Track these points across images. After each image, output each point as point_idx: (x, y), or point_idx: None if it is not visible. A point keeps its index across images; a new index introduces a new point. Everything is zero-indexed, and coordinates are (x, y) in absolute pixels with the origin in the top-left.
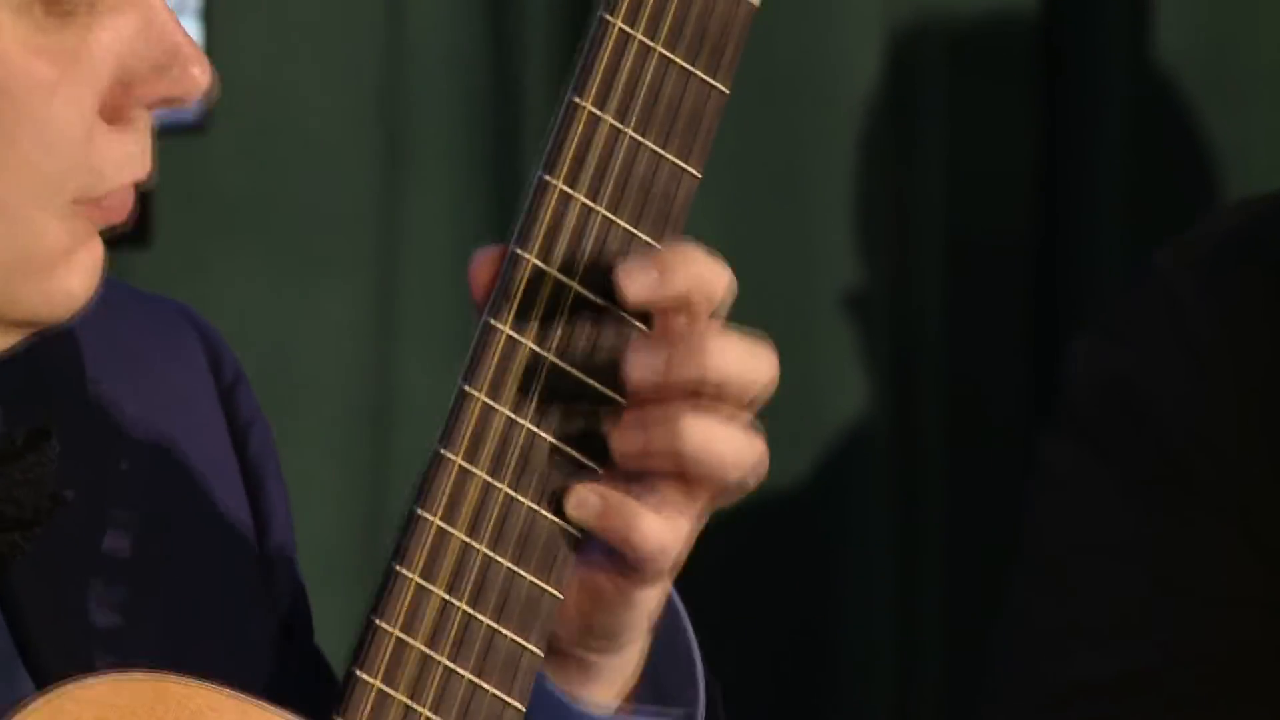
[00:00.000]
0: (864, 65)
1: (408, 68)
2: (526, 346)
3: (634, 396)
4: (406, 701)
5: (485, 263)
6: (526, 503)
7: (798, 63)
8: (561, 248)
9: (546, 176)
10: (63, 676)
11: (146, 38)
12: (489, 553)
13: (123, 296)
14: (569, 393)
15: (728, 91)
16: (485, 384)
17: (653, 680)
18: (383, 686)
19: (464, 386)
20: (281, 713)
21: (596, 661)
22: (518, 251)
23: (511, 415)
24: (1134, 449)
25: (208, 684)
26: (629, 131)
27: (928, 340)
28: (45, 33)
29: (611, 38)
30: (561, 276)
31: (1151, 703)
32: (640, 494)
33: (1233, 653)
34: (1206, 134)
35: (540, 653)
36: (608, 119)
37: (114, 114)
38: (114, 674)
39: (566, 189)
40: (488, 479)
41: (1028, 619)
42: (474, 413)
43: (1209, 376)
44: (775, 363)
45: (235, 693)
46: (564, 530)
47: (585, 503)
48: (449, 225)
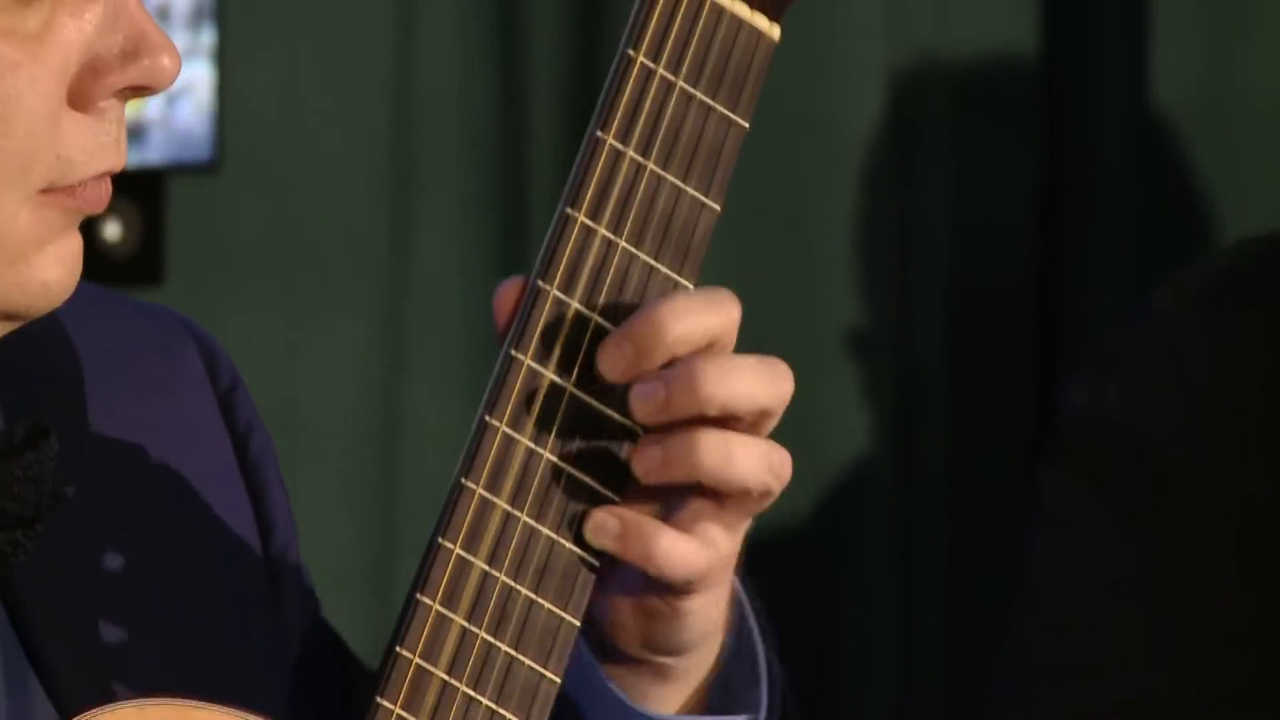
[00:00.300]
0: (867, 104)
1: (417, 107)
2: (547, 377)
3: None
4: None
5: (508, 294)
6: (546, 532)
7: (801, 101)
8: (583, 280)
9: (569, 210)
10: (73, 685)
11: (114, 26)
12: (509, 581)
13: (120, 306)
14: (589, 423)
15: (748, 126)
16: (506, 414)
17: (723, 679)
18: (404, 714)
19: (485, 417)
20: None
21: (669, 664)
22: (540, 284)
23: (532, 445)
24: (1130, 486)
25: (229, 710)
26: (651, 165)
27: (929, 374)
28: (6, 14)
29: (634, 73)
30: (583, 309)
31: None
32: (664, 514)
33: (1227, 685)
34: (1203, 173)
35: (558, 679)
36: (630, 153)
37: (83, 102)
38: (137, 701)
39: (589, 222)
40: (508, 508)
41: (1026, 650)
42: (495, 443)
43: (1205, 415)
44: (785, 376)
45: (253, 717)
46: (583, 559)
47: (603, 527)
48: (457, 262)
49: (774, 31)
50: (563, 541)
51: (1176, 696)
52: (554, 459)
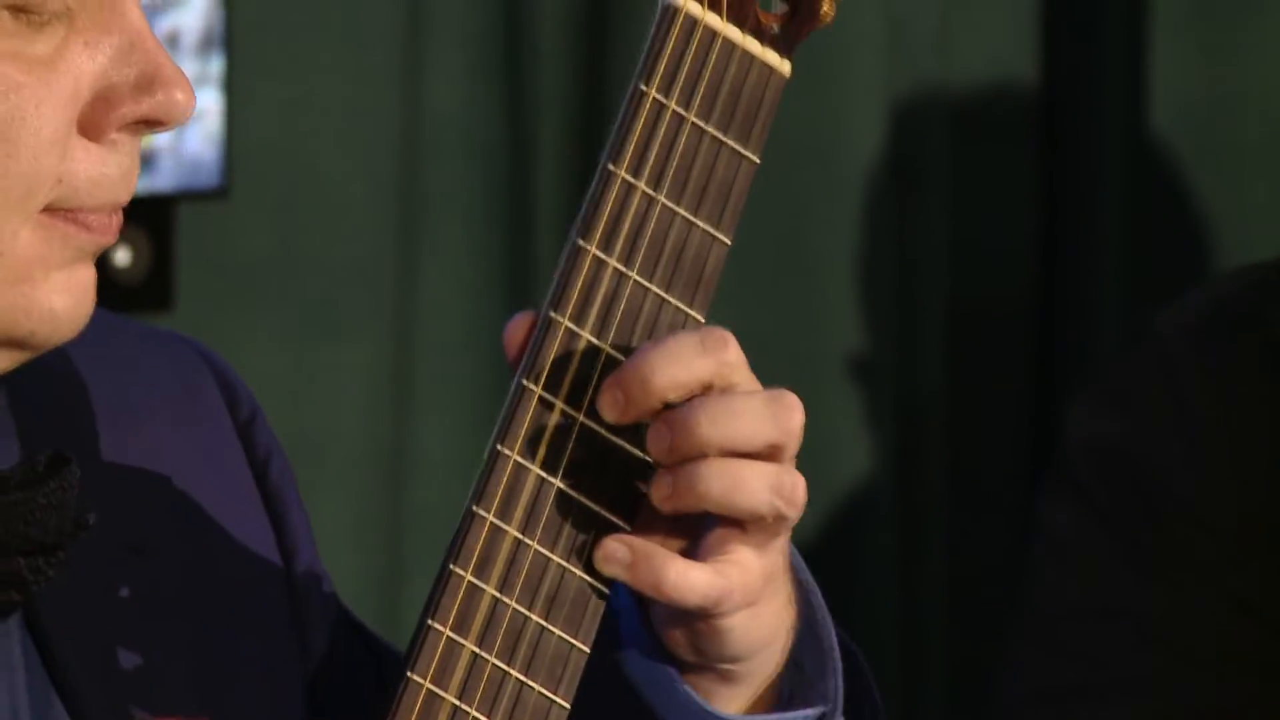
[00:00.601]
0: (868, 134)
1: (424, 135)
2: (558, 407)
3: None
4: None
5: (519, 327)
6: (557, 560)
7: (803, 131)
8: (595, 312)
9: (581, 242)
10: (97, 708)
11: (130, 58)
12: (520, 608)
13: (136, 334)
14: (599, 453)
15: (759, 161)
16: (518, 444)
17: (794, 671)
18: None
19: (497, 446)
20: None
21: (732, 670)
22: (552, 315)
23: (543, 474)
24: (1129, 513)
25: None
26: (662, 199)
27: (930, 399)
28: (14, 37)
29: (646, 107)
30: (594, 340)
31: None
32: (694, 540)
33: (1224, 711)
34: (1202, 201)
35: (568, 705)
36: (642, 187)
37: (95, 131)
38: None
39: (601, 254)
40: (519, 536)
41: (1026, 674)
42: (506, 471)
43: (1204, 443)
44: (789, 410)
45: None
46: (594, 587)
47: (613, 556)
48: (463, 290)
49: (785, 68)
50: (573, 569)
51: None
52: (564, 488)
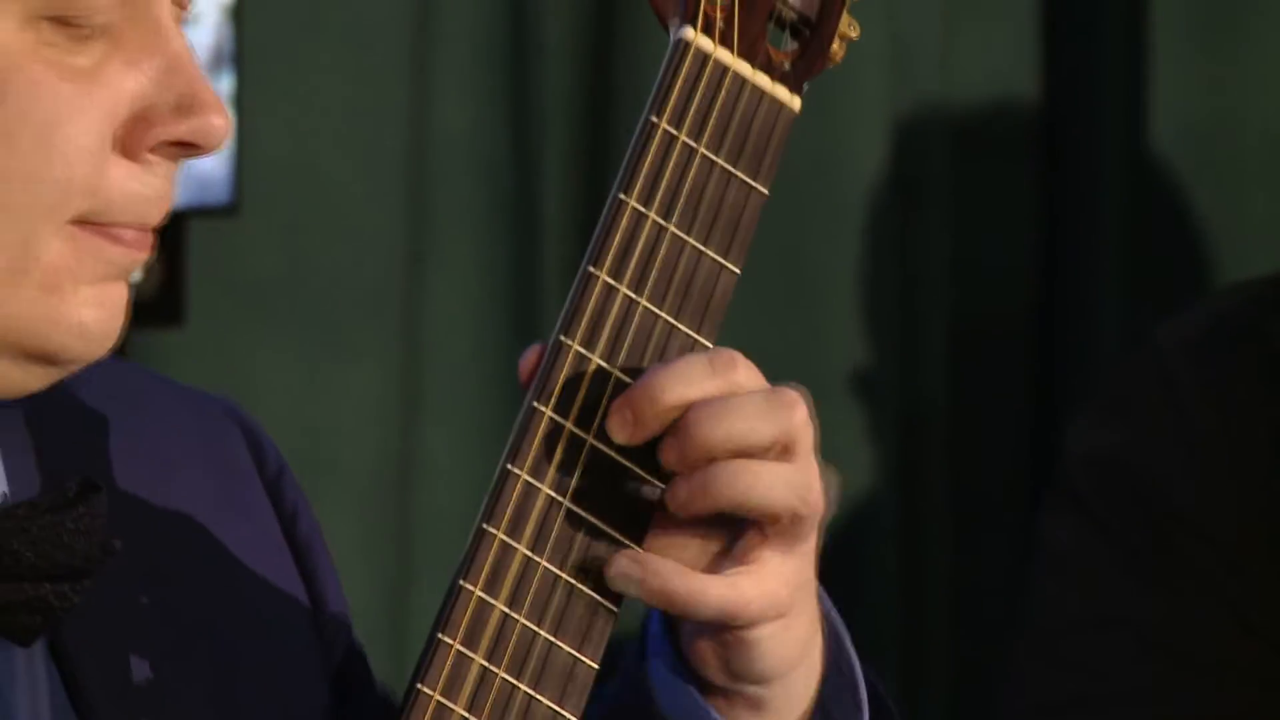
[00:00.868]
0: (870, 151)
1: (432, 154)
2: (567, 429)
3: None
4: None
5: (534, 355)
6: (565, 577)
7: (806, 149)
8: (604, 337)
9: (591, 268)
10: None
11: (170, 81)
12: (528, 624)
13: (169, 393)
14: (608, 473)
15: (767, 193)
16: (528, 463)
17: (823, 709)
18: None
19: (507, 465)
20: None
21: (760, 694)
22: (562, 339)
23: (552, 494)
24: (1129, 525)
25: None
26: (672, 228)
27: (932, 415)
28: (55, 47)
29: (657, 138)
30: (603, 364)
31: None
32: (699, 556)
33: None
34: (1201, 216)
35: (576, 719)
36: (652, 216)
37: (131, 149)
38: None
39: (611, 281)
40: (529, 554)
41: (1028, 689)
42: (516, 490)
43: (1203, 455)
44: (788, 405)
45: None
46: (602, 604)
47: (624, 571)
48: (471, 307)
49: (794, 103)
50: (582, 587)
51: None
52: (573, 507)
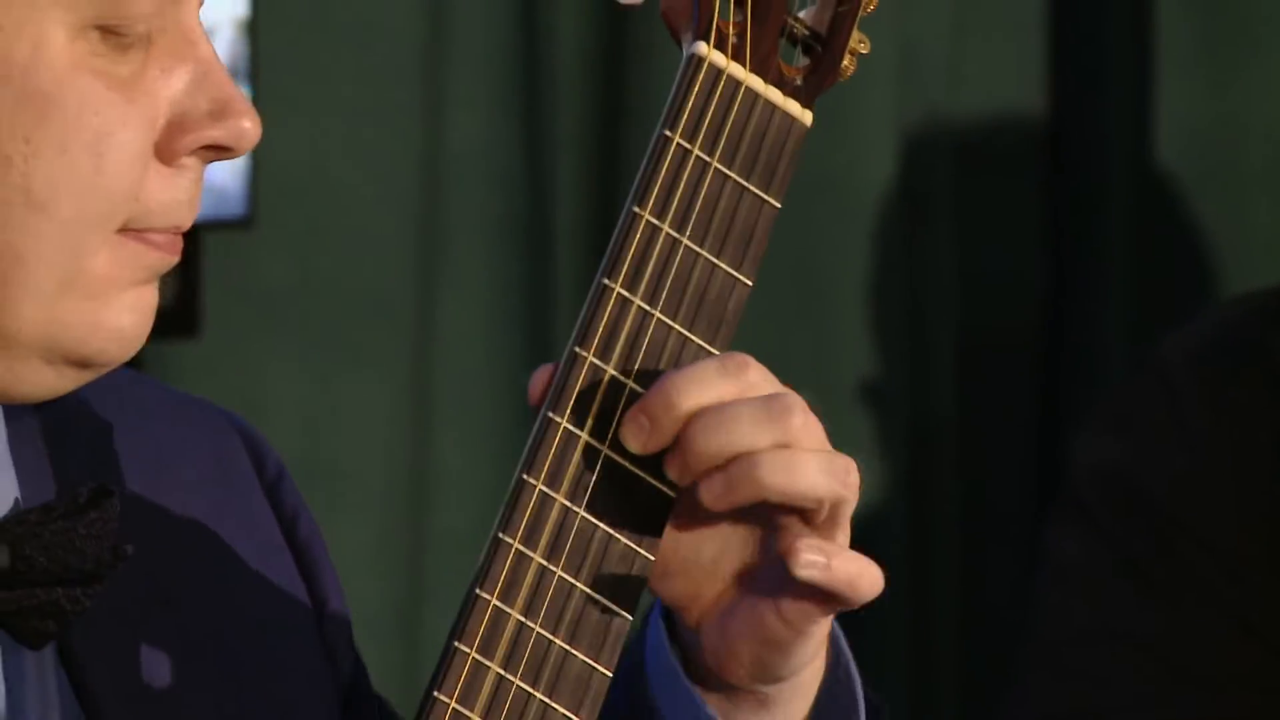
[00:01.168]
0: (878, 165)
1: (445, 168)
2: (582, 439)
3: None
4: None
5: (543, 375)
6: (580, 585)
7: (815, 162)
8: (618, 348)
9: (606, 281)
10: None
11: (202, 86)
12: (544, 632)
13: (173, 402)
14: (622, 483)
15: (779, 206)
16: (543, 474)
17: (821, 708)
18: None
19: (523, 475)
20: None
21: (770, 693)
22: (577, 350)
23: (567, 503)
24: (1133, 536)
25: None
26: (685, 241)
27: (940, 426)
28: (101, 57)
29: (670, 152)
30: (617, 375)
31: None
32: (709, 557)
33: None
34: (1206, 229)
35: None
36: (665, 228)
37: (167, 155)
38: None
39: (625, 293)
40: (544, 562)
41: (1034, 700)
42: (532, 500)
43: (1206, 468)
44: (787, 411)
45: None
46: (615, 612)
47: (813, 560)
48: (483, 319)
49: (806, 118)
50: (596, 595)
51: None
52: (588, 516)
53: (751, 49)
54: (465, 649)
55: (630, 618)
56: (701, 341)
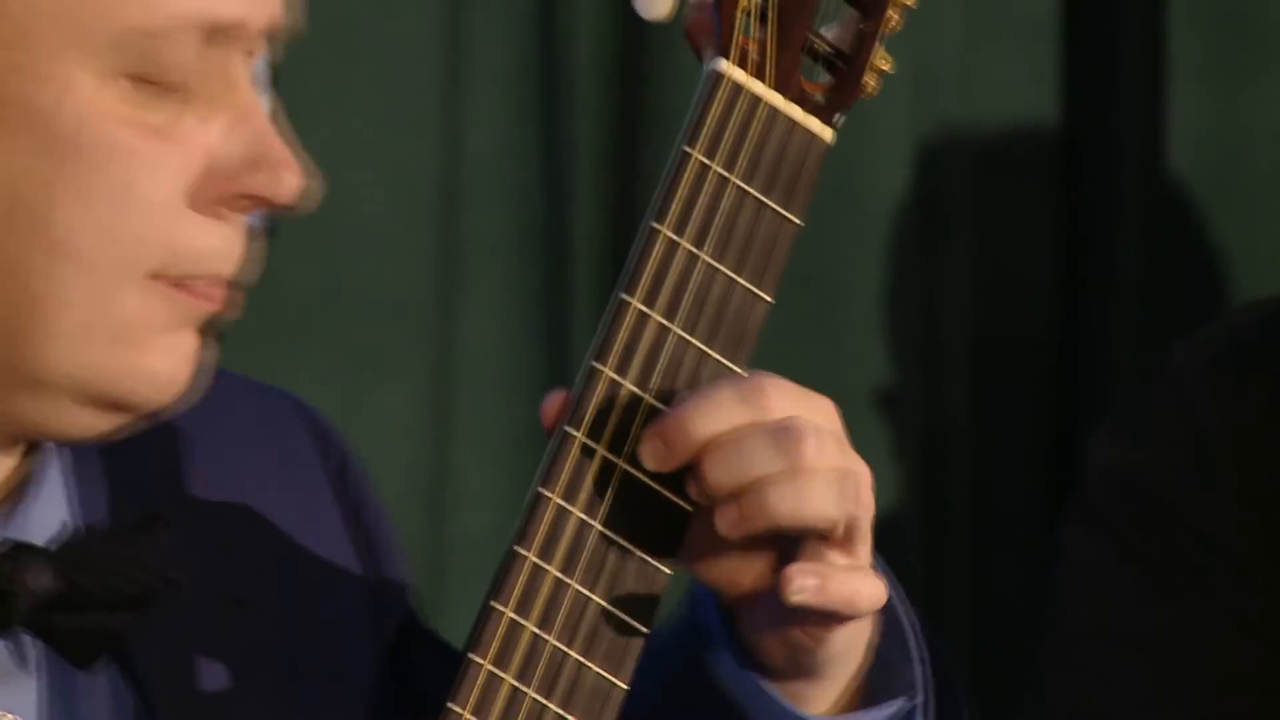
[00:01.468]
0: (894, 173)
1: (463, 179)
2: (599, 454)
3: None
4: None
5: (557, 400)
6: (596, 599)
7: (830, 170)
8: (636, 363)
9: (624, 295)
10: None
11: (240, 136)
12: (559, 645)
13: (232, 385)
14: (639, 497)
15: (800, 223)
16: (559, 487)
17: (880, 665)
18: None
19: (539, 489)
20: None
21: (816, 667)
22: (595, 365)
23: (584, 517)
24: (1145, 538)
25: None
26: (705, 257)
27: (955, 431)
28: (132, 105)
29: (690, 168)
30: (635, 390)
31: None
32: (727, 572)
33: None
34: (1219, 236)
35: None
36: (684, 244)
37: (205, 205)
38: None
39: (643, 308)
40: (560, 576)
41: (1047, 701)
42: (548, 514)
43: (1216, 471)
44: (796, 438)
45: None
46: (631, 626)
47: (804, 586)
48: (502, 329)
49: (826, 135)
50: (612, 609)
51: None
52: (604, 530)
53: (773, 66)
54: (480, 660)
55: (647, 631)
56: (720, 357)
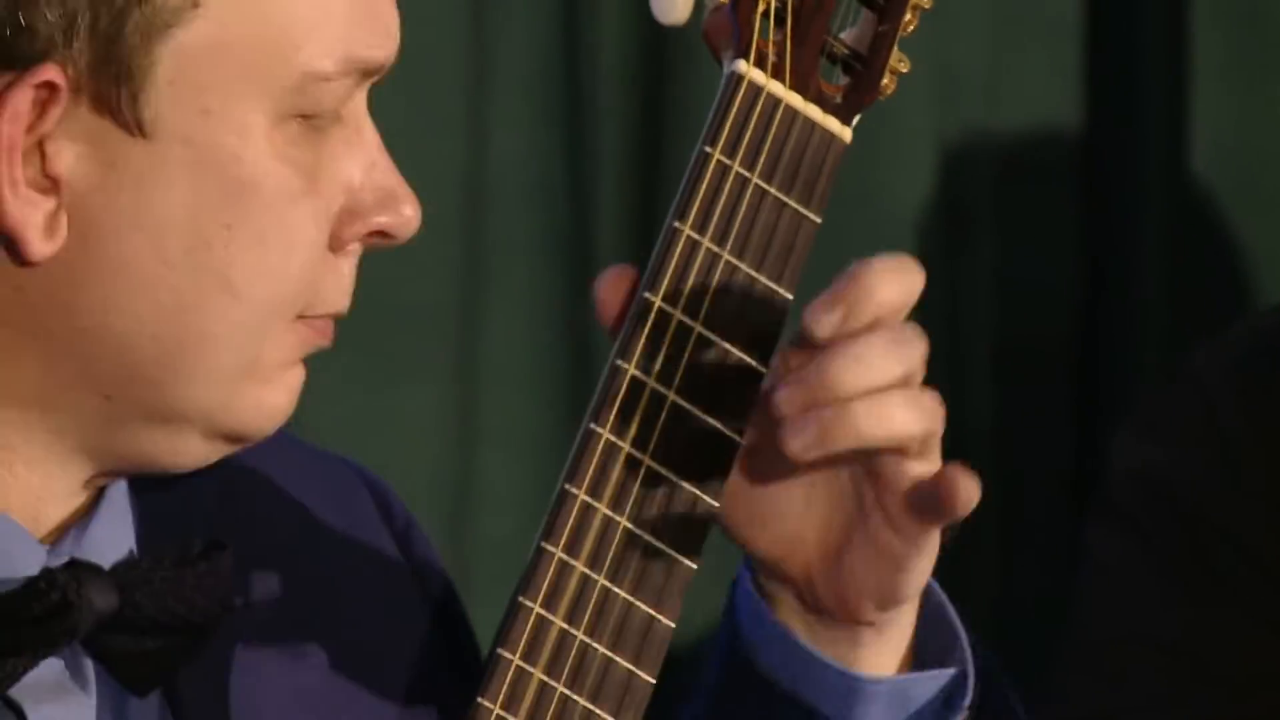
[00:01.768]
0: (918, 177)
1: (488, 182)
2: (624, 449)
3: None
4: None
5: (612, 282)
6: (623, 594)
7: (855, 176)
8: (660, 362)
9: (648, 295)
10: None
11: (371, 174)
12: (586, 639)
13: (297, 451)
14: (664, 493)
15: (819, 222)
16: (585, 484)
17: (927, 633)
18: None
19: (565, 485)
20: None
21: (887, 619)
22: (619, 363)
23: (609, 513)
24: (1168, 538)
25: None
26: (725, 255)
27: (979, 435)
28: (296, 146)
29: (711, 168)
30: (661, 388)
31: None
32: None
33: None
34: (1240, 240)
35: None
36: (706, 243)
37: (337, 244)
38: None
39: (666, 307)
40: (586, 571)
41: (1069, 698)
42: (575, 510)
43: (1240, 472)
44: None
45: None
46: (658, 620)
47: (969, 495)
48: (526, 332)
49: (845, 135)
50: (638, 603)
51: None
52: (630, 525)
53: (791, 67)
54: (509, 656)
55: (673, 625)
56: (743, 354)
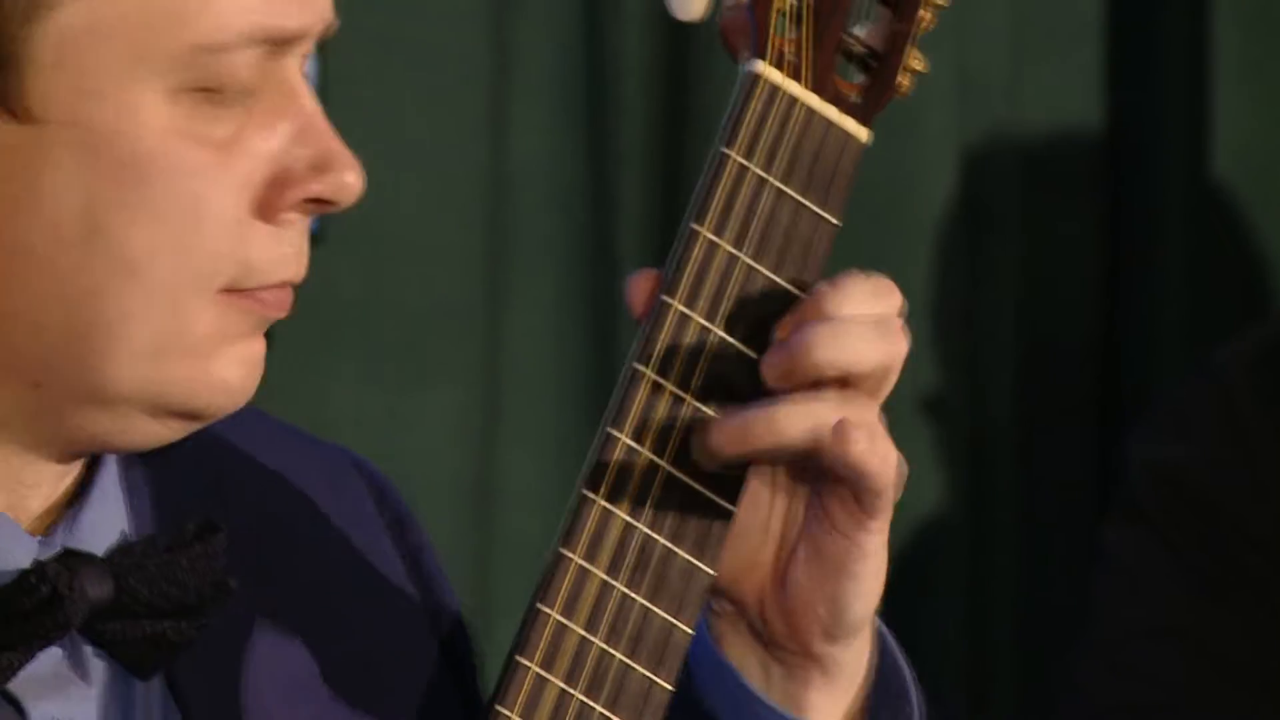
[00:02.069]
0: (940, 179)
1: (510, 184)
2: (643, 454)
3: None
4: None
5: (641, 283)
6: (641, 601)
7: (880, 177)
8: (678, 364)
9: (665, 297)
10: None
11: (303, 140)
12: (605, 647)
13: (294, 439)
14: (683, 498)
15: (838, 223)
16: (604, 489)
17: (881, 683)
18: None
19: (584, 491)
20: None
21: (834, 655)
22: (637, 366)
23: (628, 519)
24: (1187, 536)
25: None
26: (743, 257)
27: (999, 434)
28: (198, 120)
29: (728, 169)
30: (679, 391)
31: None
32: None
33: None
34: (1261, 240)
35: None
36: (724, 245)
37: (269, 212)
38: None
39: (684, 309)
40: (605, 578)
41: (1087, 696)
42: (593, 516)
43: (1258, 470)
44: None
45: None
46: (676, 627)
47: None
48: (548, 333)
49: (863, 134)
50: (657, 610)
51: None
52: (649, 532)
53: (809, 66)
54: (527, 663)
55: (691, 631)
56: (759, 357)
